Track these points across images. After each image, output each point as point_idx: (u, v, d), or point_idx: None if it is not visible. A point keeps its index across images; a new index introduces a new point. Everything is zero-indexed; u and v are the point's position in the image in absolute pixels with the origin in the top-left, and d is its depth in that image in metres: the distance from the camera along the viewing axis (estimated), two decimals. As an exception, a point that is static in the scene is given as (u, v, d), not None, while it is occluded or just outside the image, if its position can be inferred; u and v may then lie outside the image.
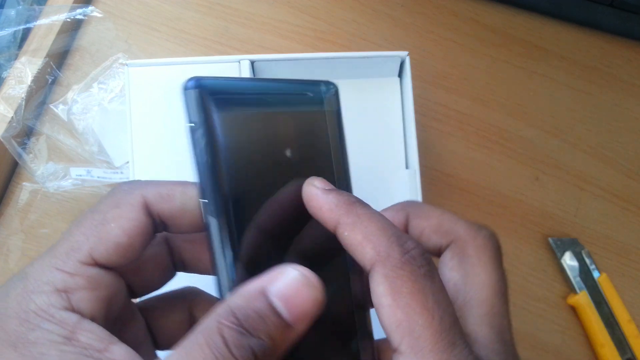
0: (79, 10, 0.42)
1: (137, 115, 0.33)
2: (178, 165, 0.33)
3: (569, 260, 0.42)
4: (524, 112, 0.45)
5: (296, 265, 0.18)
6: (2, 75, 0.40)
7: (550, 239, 0.42)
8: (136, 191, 0.20)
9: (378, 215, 0.19)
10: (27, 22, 0.41)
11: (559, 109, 0.45)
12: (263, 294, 0.17)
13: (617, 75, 0.46)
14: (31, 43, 0.40)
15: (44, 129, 0.41)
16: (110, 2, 0.44)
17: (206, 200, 0.18)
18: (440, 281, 0.18)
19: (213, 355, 0.16)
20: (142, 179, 0.33)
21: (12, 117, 0.38)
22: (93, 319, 0.18)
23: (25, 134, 0.40)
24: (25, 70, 0.39)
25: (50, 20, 0.41)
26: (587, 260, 0.42)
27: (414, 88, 0.35)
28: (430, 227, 0.23)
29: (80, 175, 0.40)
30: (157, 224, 0.20)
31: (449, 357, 0.17)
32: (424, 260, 0.18)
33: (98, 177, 0.40)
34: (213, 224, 0.18)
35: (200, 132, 0.18)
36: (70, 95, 0.41)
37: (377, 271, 0.18)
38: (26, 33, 0.41)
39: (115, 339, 0.18)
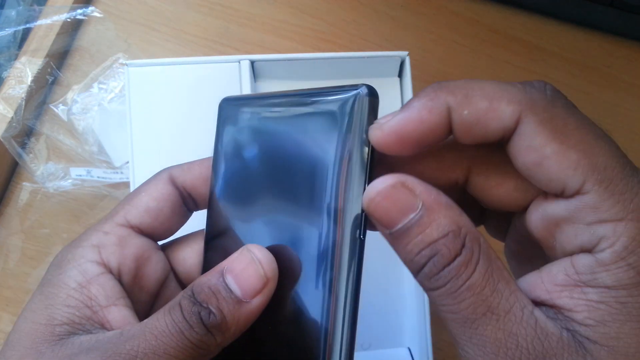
0: (79, 11, 0.42)
1: (137, 115, 0.33)
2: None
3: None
4: (524, 112, 0.45)
5: (253, 245, 0.20)
6: (2, 75, 0.40)
7: (550, 239, 0.42)
8: (164, 171, 0.24)
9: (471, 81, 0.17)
10: (27, 22, 0.41)
11: (559, 109, 0.45)
12: (220, 272, 0.19)
13: (617, 75, 0.46)
14: (31, 43, 0.40)
15: (44, 129, 0.41)
16: (110, 2, 0.44)
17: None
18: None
19: (171, 319, 0.18)
20: (142, 179, 0.33)
21: (12, 117, 0.38)
22: (120, 273, 0.21)
23: (25, 134, 0.40)
24: (25, 70, 0.39)
25: (50, 20, 0.41)
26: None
27: (414, 88, 0.35)
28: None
29: (80, 175, 0.40)
30: (183, 195, 0.24)
31: None
32: (559, 92, 0.17)
33: (98, 177, 0.40)
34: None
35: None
36: (70, 95, 0.41)
37: (529, 121, 0.16)
38: (26, 33, 0.41)
39: (123, 300, 0.21)
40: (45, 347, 0.19)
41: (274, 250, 0.20)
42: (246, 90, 0.34)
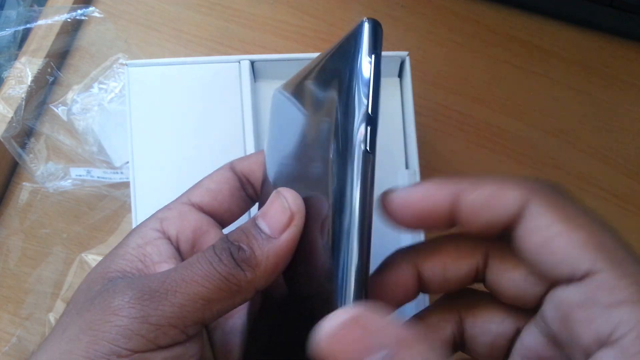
0: (79, 11, 0.42)
1: (137, 115, 0.33)
2: (178, 165, 0.33)
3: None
4: (524, 112, 0.45)
5: (283, 188, 0.20)
6: (2, 75, 0.40)
7: (550, 239, 0.42)
8: (227, 163, 0.26)
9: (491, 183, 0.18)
10: (27, 22, 0.41)
11: (559, 109, 0.45)
12: (254, 218, 0.20)
13: (617, 75, 0.46)
14: (31, 43, 0.40)
15: (44, 129, 0.41)
16: (110, 2, 0.44)
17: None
18: None
19: (203, 255, 0.19)
20: (142, 179, 0.33)
21: (12, 117, 0.38)
22: (178, 241, 0.23)
23: (25, 134, 0.40)
24: (25, 70, 0.39)
25: (50, 20, 0.41)
26: (587, 260, 0.42)
27: (414, 88, 0.35)
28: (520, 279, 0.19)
29: (80, 176, 0.40)
30: (242, 180, 0.26)
31: None
32: (561, 186, 0.18)
33: (98, 177, 0.40)
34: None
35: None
36: (70, 95, 0.41)
37: (535, 203, 0.17)
38: (26, 33, 0.41)
39: (175, 260, 0.22)
40: (96, 286, 0.20)
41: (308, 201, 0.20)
42: (246, 90, 0.34)
